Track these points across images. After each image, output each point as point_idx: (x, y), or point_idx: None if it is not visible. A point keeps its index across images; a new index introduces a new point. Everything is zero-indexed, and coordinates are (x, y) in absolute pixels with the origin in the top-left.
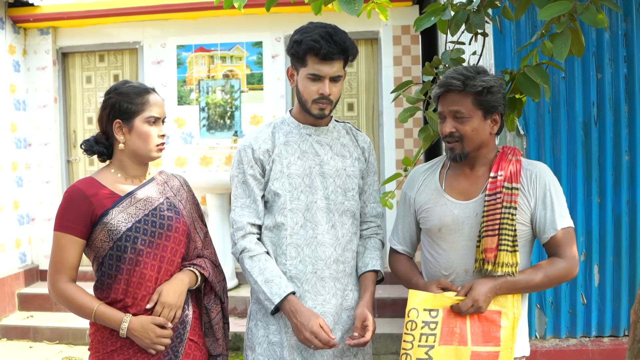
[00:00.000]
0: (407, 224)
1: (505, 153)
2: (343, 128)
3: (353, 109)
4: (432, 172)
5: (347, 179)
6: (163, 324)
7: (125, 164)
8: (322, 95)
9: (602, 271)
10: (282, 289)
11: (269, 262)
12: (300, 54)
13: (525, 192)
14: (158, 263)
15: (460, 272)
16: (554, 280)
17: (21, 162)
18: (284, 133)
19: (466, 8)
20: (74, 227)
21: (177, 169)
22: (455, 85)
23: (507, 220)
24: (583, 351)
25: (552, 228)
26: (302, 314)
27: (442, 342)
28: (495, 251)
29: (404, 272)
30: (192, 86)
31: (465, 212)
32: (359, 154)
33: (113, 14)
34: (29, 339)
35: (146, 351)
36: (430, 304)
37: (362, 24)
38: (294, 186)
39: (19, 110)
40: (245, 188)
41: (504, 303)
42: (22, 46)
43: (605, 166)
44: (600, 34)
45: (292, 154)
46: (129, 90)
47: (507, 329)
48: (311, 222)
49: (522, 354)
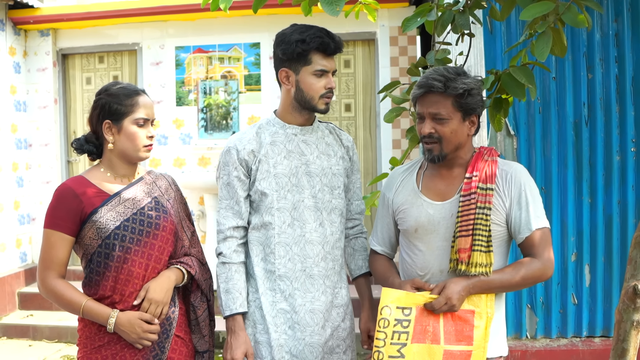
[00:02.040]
0: (386, 225)
1: (482, 154)
2: (326, 128)
3: (350, 110)
4: (409, 173)
5: (333, 177)
6: (149, 320)
7: (114, 164)
8: (330, 89)
9: (593, 271)
10: (235, 305)
11: (237, 273)
12: (306, 52)
13: (500, 193)
14: (145, 261)
15: (435, 272)
16: (528, 280)
17: (22, 162)
18: (270, 133)
19: (452, 9)
20: (63, 224)
21: (176, 169)
22: (436, 87)
23: (481, 221)
24: (574, 351)
25: (527, 228)
26: (237, 338)
27: (415, 340)
28: (469, 251)
29: (381, 271)
30: (190, 87)
31: (440, 212)
32: (343, 153)
33: (112, 15)
34: (28, 338)
35: (133, 346)
36: (404, 302)
37: (359, 25)
38: (281, 185)
39: (20, 111)
40: (229, 189)
41: (477, 302)
42: (23, 48)
43: (596, 166)
44: (591, 34)
45: (278, 153)
46: (119, 92)
47: (480, 328)
48: (299, 220)
49: (500, 353)
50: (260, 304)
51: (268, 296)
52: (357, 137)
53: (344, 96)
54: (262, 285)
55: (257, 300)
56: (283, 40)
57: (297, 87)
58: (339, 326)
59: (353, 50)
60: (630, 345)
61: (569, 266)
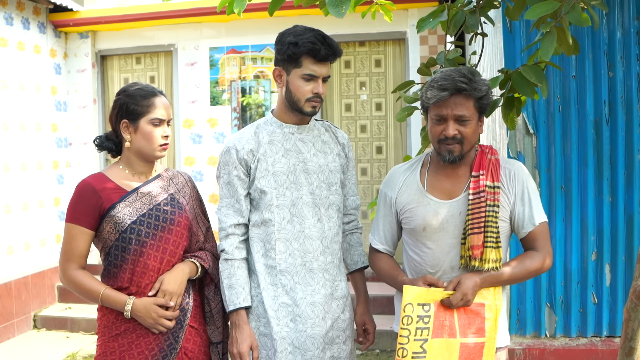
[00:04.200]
0: (388, 224)
1: (484, 152)
2: (322, 126)
3: (381, 109)
4: (412, 172)
5: (330, 174)
6: (164, 303)
7: (132, 161)
8: (316, 94)
9: (613, 271)
10: (239, 300)
11: (240, 269)
12: (297, 55)
13: (505, 190)
14: (161, 254)
15: (446, 269)
16: (532, 272)
17: (62, 160)
18: (268, 133)
19: (464, 9)
20: (83, 219)
21: (210, 167)
22: (463, 89)
23: (491, 218)
24: (593, 351)
25: (530, 223)
26: (242, 332)
27: (435, 335)
28: (482, 248)
29: (387, 270)
30: (224, 87)
31: (449, 211)
32: (339, 150)
33: (149, 17)
34: (66, 330)
35: (148, 335)
36: (424, 299)
37: (389, 24)
38: (280, 183)
39: (60, 110)
40: (230, 188)
41: (486, 295)
42: (63, 49)
43: (617, 165)
44: (612, 32)
45: (276, 152)
46: (136, 93)
47: (490, 320)
48: (298, 217)
49: (505, 343)
50: (262, 299)
51: (270, 291)
52: (387, 135)
53: (374, 95)
54: (263, 281)
55: (259, 295)
56: (279, 40)
57: (287, 87)
58: (338, 317)
59: (384, 49)
60: (637, 343)
61: (589, 265)
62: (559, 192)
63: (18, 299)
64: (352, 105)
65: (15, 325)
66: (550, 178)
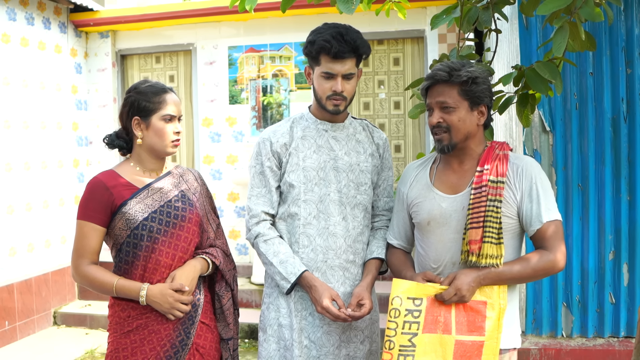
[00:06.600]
0: (402, 219)
1: (493, 148)
2: (360, 125)
3: (399, 107)
4: (423, 168)
5: (360, 173)
6: (179, 287)
7: (143, 158)
8: (334, 92)
9: (631, 270)
10: (296, 268)
11: (282, 245)
12: (314, 53)
13: (511, 186)
14: (172, 251)
15: (448, 264)
16: (539, 272)
17: (82, 159)
18: (302, 128)
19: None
20: (95, 216)
21: (229, 165)
22: (440, 76)
23: (491, 213)
24: (610, 351)
25: (537, 221)
26: (316, 290)
27: (426, 330)
28: (480, 243)
29: (396, 265)
30: (242, 86)
31: (452, 205)
32: (373, 150)
33: (168, 17)
34: (85, 326)
35: (160, 332)
36: (414, 293)
37: (408, 23)
38: (309, 178)
39: (81, 109)
40: (261, 178)
41: (489, 294)
42: (84, 49)
43: (635, 163)
44: (630, 28)
45: (308, 147)
46: (147, 90)
47: (492, 319)
48: (324, 213)
49: (513, 345)
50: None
51: None
52: (406, 134)
53: (393, 94)
54: None
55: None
56: (307, 39)
57: (313, 85)
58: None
59: (402, 48)
60: None
61: (607, 265)
62: (576, 191)
63: (38, 296)
64: (371, 103)
65: (36, 322)
66: (567, 176)
